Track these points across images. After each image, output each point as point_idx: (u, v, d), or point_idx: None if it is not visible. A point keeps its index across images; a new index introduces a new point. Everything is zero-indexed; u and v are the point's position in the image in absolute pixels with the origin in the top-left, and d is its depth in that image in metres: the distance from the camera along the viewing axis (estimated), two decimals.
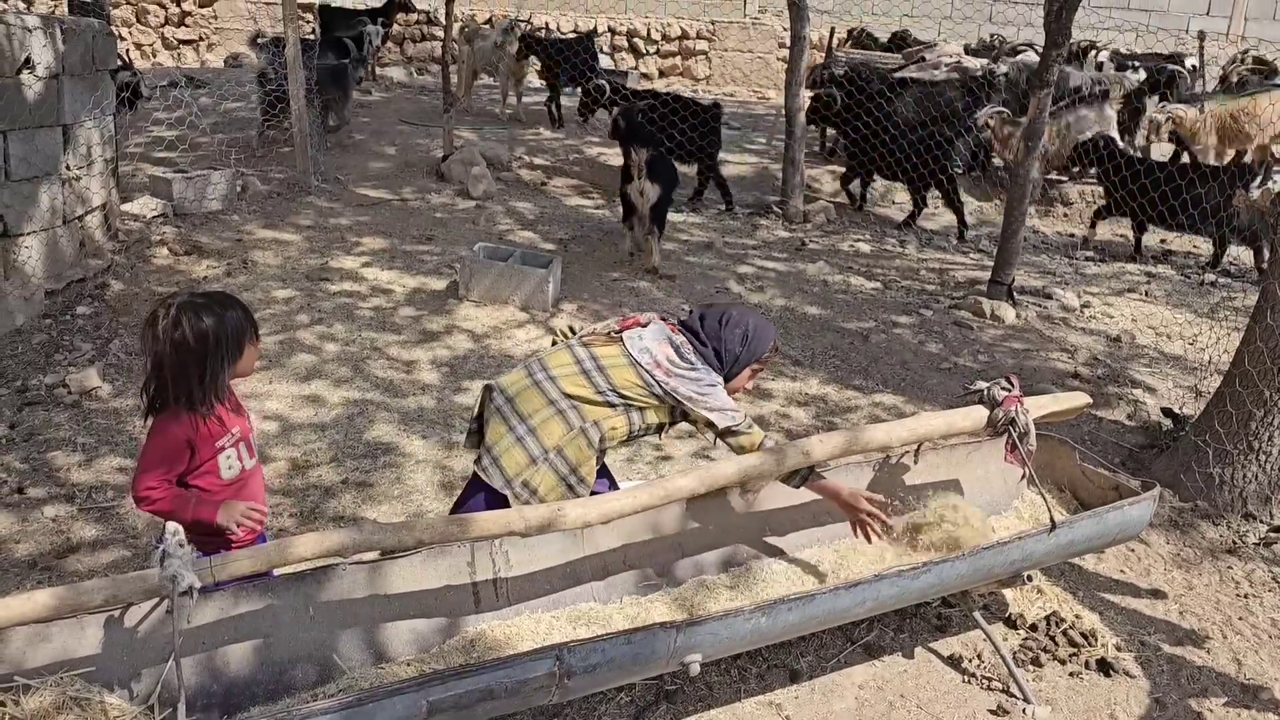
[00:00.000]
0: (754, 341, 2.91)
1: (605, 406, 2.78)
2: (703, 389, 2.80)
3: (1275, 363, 3.97)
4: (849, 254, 7.06)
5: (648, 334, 2.88)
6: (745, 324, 2.92)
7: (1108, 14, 12.65)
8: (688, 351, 2.84)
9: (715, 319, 2.93)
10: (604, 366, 2.81)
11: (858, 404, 4.86)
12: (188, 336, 2.35)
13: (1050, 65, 5.84)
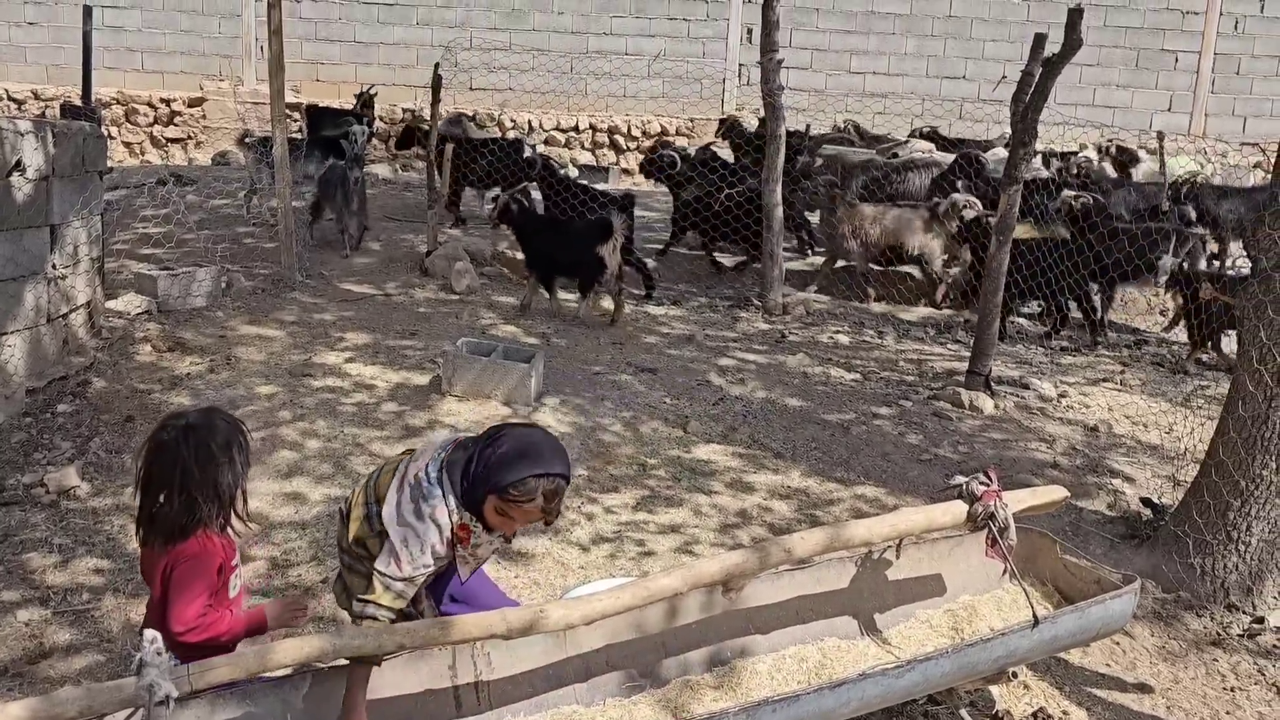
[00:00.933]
0: (504, 468, 2.43)
1: (365, 525, 2.65)
2: (401, 522, 2.48)
3: (1249, 452, 4.03)
4: (828, 345, 7.14)
5: (428, 448, 2.61)
6: (501, 447, 2.48)
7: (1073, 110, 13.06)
8: (436, 470, 2.51)
9: (492, 435, 2.56)
10: (378, 474, 2.69)
11: (840, 496, 4.88)
12: (213, 450, 2.32)
13: (1018, 163, 6.02)
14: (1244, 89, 13.28)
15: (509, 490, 2.43)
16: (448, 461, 2.53)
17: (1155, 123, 13.33)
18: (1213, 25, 13.20)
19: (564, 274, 7.38)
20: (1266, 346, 3.97)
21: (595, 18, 13.23)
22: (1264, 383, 3.99)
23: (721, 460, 5.17)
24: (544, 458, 2.48)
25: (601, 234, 7.12)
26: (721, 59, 13.36)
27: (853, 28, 13.23)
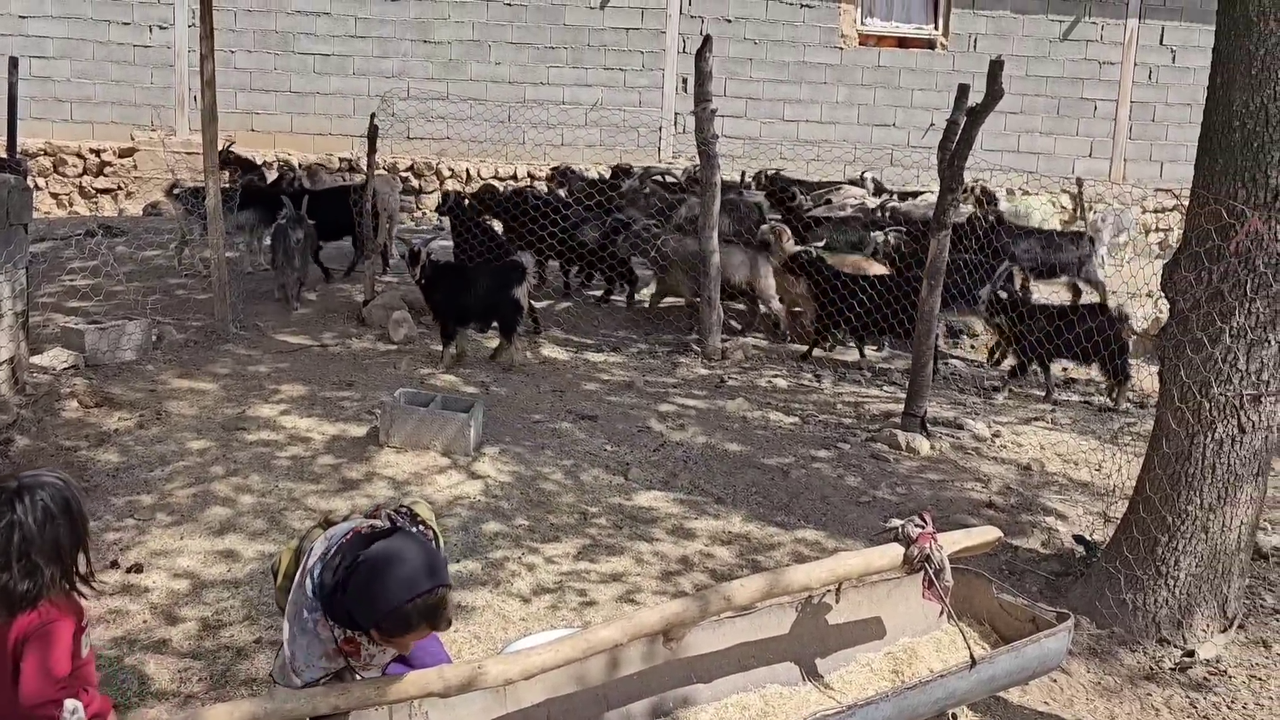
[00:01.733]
0: (371, 602, 2.28)
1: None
2: (293, 618, 2.42)
3: (1174, 489, 4.14)
4: (767, 390, 7.21)
5: (325, 541, 2.46)
6: (369, 577, 2.29)
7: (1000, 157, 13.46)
8: (316, 579, 2.39)
9: (358, 561, 2.32)
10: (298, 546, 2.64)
11: (780, 541, 4.90)
12: (52, 509, 2.20)
13: (947, 208, 6.18)
14: (1159, 135, 13.80)
15: (382, 626, 2.29)
16: (325, 571, 2.38)
17: (1077, 168, 13.78)
18: (1128, 75, 13.73)
19: (480, 320, 7.31)
20: (1187, 385, 4.09)
21: (532, 67, 13.35)
22: (1186, 420, 4.11)
23: (663, 507, 5.16)
24: (411, 578, 2.26)
25: (515, 275, 7.16)
26: (658, 107, 13.55)
27: (785, 77, 13.51)
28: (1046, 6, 13.55)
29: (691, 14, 13.36)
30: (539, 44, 13.30)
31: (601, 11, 13.31)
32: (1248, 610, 4.28)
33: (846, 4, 13.45)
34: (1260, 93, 3.93)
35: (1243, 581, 4.23)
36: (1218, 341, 4.02)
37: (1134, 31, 13.65)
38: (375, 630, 2.31)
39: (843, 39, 13.52)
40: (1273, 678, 3.84)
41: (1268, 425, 4.09)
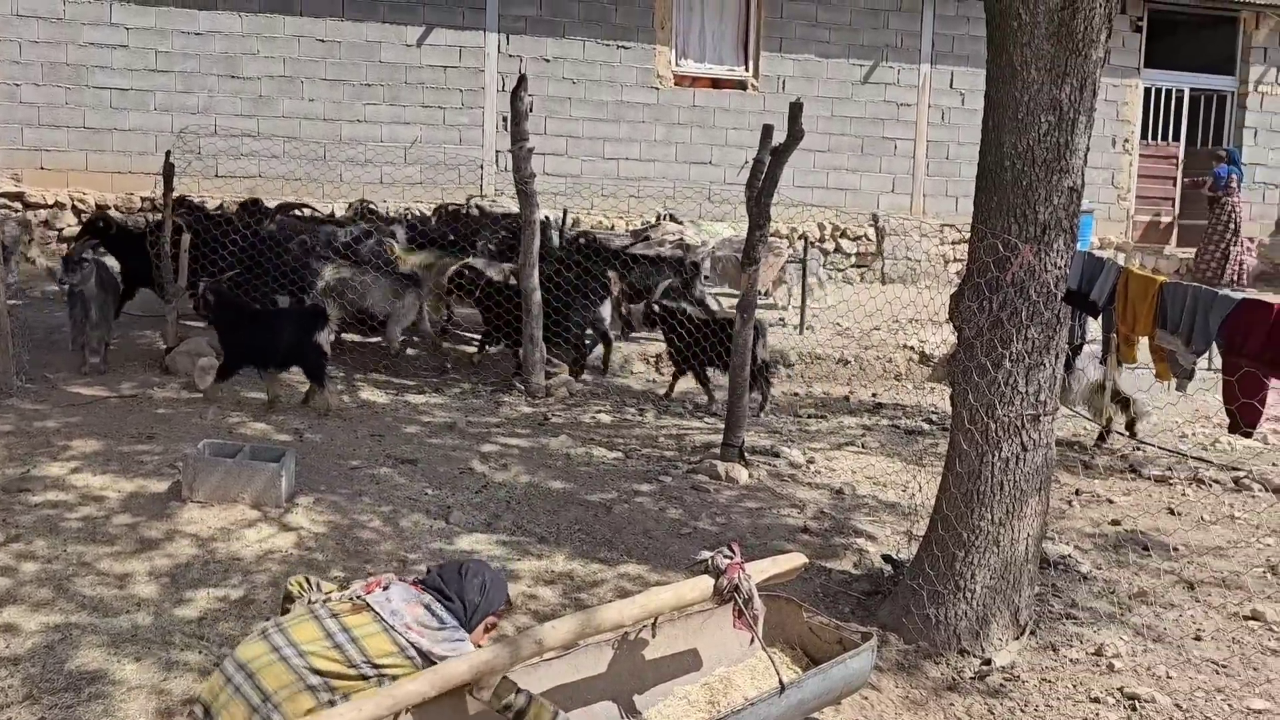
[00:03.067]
0: (491, 591, 2.98)
1: (358, 679, 2.69)
2: (454, 645, 2.80)
3: (968, 506, 4.38)
4: (591, 425, 7.24)
5: (395, 596, 2.87)
6: (483, 574, 3.01)
7: (809, 193, 14.08)
8: (438, 609, 2.86)
9: (454, 570, 3.00)
10: (356, 637, 2.74)
11: (604, 577, 4.90)
12: None
13: (756, 244, 6.40)
14: (954, 173, 14.72)
15: (506, 606, 3.08)
16: (440, 605, 2.88)
17: (881, 203, 14.56)
18: (924, 116, 14.64)
19: (279, 365, 7.08)
20: (975, 408, 4.36)
21: (348, 105, 13.07)
22: (975, 441, 4.37)
23: (485, 549, 5.08)
24: (500, 575, 3.11)
25: (318, 321, 7.02)
26: (479, 145, 13.50)
27: (604, 116, 13.72)
28: (848, 51, 14.30)
29: (510, 53, 13.41)
30: (354, 81, 13.05)
31: (419, 49, 13.19)
32: (1038, 617, 4.56)
33: (661, 45, 13.81)
34: (1026, 135, 4.26)
35: (1032, 590, 4.51)
36: (1000, 366, 4.30)
37: (927, 76, 14.58)
38: (497, 614, 3.03)
39: (659, 79, 13.86)
40: (1061, 679, 4.10)
41: (1047, 443, 4.41)
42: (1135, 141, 15.33)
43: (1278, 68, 15.60)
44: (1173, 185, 15.67)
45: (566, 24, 13.54)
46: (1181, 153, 15.65)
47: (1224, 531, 5.82)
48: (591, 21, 13.58)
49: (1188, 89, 15.55)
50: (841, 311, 10.47)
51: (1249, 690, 4.03)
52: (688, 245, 9.87)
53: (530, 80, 13.07)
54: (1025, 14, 4.20)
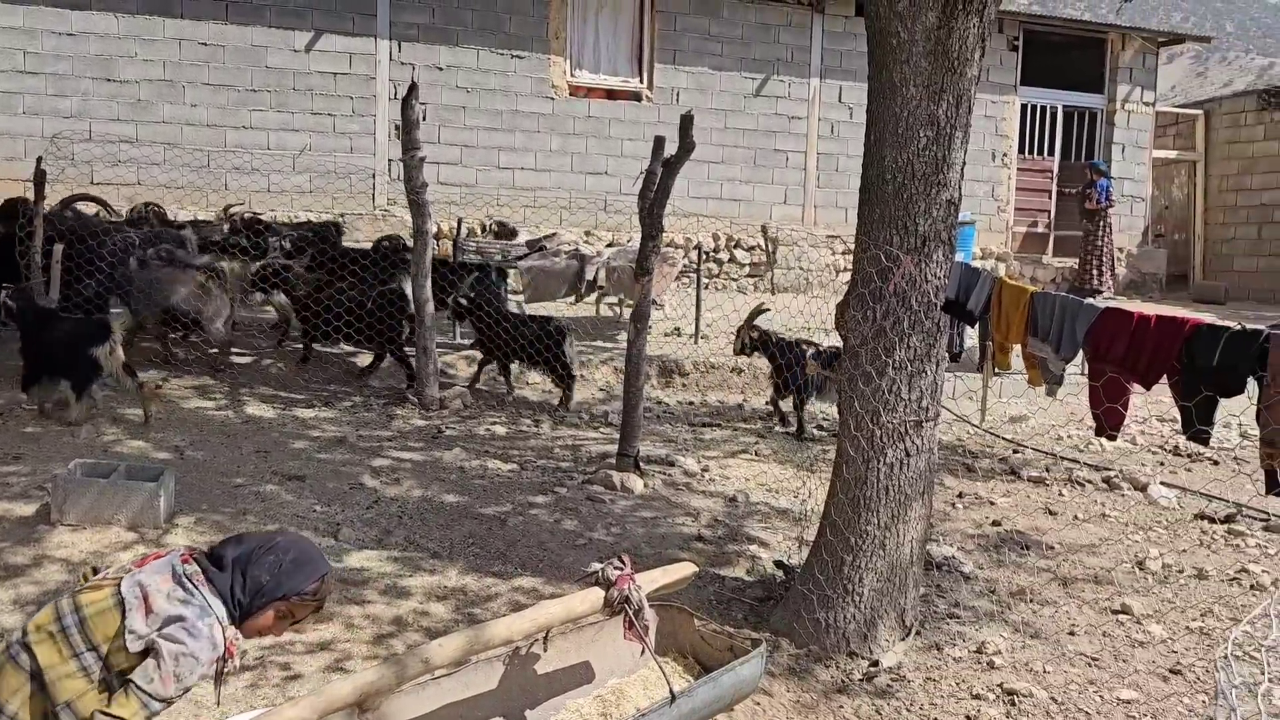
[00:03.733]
0: (288, 574, 2.53)
1: (77, 673, 2.34)
2: (180, 629, 2.37)
3: (855, 511, 4.47)
4: (485, 438, 7.17)
5: (153, 568, 2.48)
6: (284, 554, 2.56)
7: (704, 204, 14.25)
8: (193, 584, 2.45)
9: (254, 544, 2.58)
10: (86, 617, 2.38)
11: (498, 591, 4.85)
12: None
13: (649, 254, 6.44)
14: (843, 184, 15.07)
15: (305, 594, 2.57)
16: (204, 577, 2.51)
17: (774, 214, 14.82)
18: (814, 129, 14.97)
19: (51, 375, 6.75)
20: (861, 415, 4.46)
21: (233, 110, 12.69)
22: (861, 447, 4.47)
23: (376, 566, 4.98)
24: (318, 558, 2.66)
25: (97, 334, 6.74)
26: (370, 154, 13.28)
27: (499, 126, 13.64)
28: (740, 64, 14.53)
29: (402, 60, 13.23)
30: (240, 86, 12.69)
31: (307, 55, 12.91)
32: (923, 617, 4.69)
33: (556, 56, 13.81)
34: (906, 150, 4.39)
35: (918, 592, 4.64)
36: (884, 374, 4.41)
37: (817, 90, 14.91)
38: (290, 602, 2.55)
39: (554, 89, 13.85)
40: (945, 678, 4.22)
41: (929, 448, 4.54)
42: (1013, 155, 15.96)
43: (1142, 87, 16.46)
44: (1048, 197, 16.36)
45: (460, 32, 13.43)
46: (1056, 166, 16.36)
47: (1096, 529, 6.09)
48: (485, 30, 13.51)
49: (1061, 106, 16.27)
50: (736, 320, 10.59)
51: (1118, 681, 4.22)
52: (583, 255, 9.87)
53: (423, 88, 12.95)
54: (904, 33, 4.33)
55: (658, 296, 9.50)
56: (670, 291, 11.56)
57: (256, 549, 2.56)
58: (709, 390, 9.18)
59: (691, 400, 8.88)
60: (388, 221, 13.07)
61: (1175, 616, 4.87)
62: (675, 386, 9.16)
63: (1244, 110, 17.03)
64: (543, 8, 13.68)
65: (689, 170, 13.74)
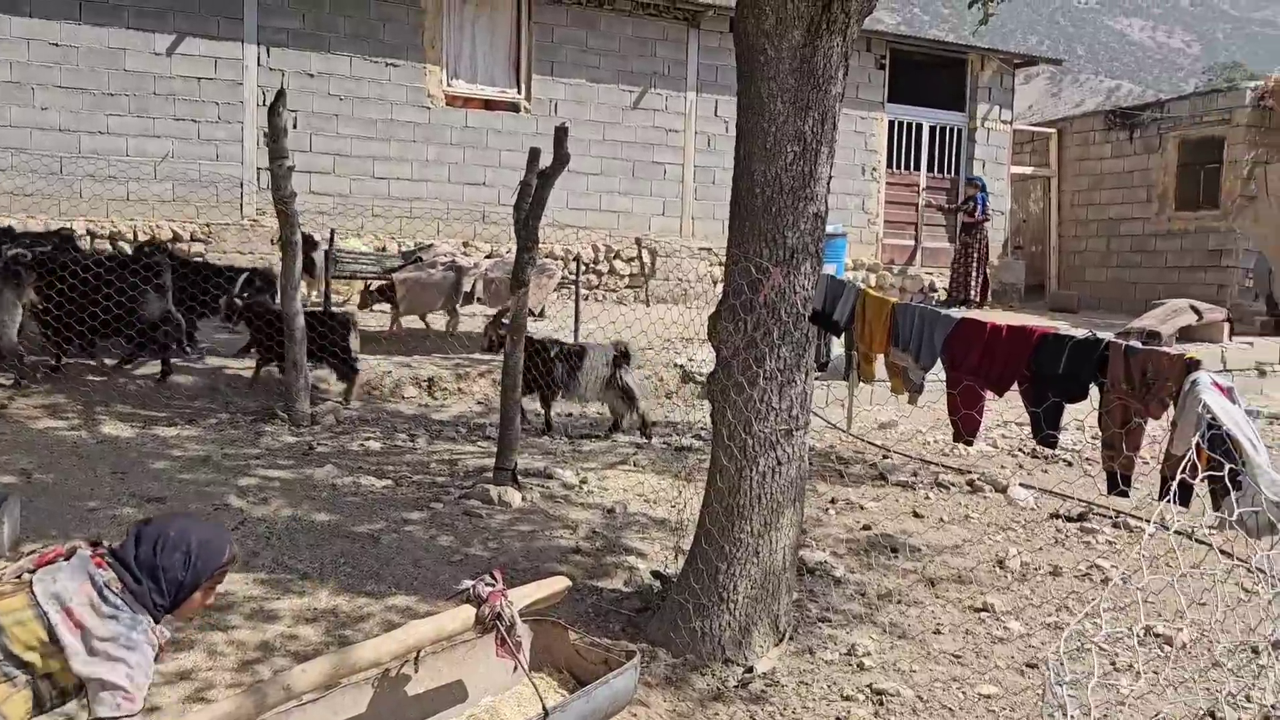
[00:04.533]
0: (200, 560, 2.63)
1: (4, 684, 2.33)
2: (118, 648, 2.41)
3: (729, 519, 4.53)
4: (359, 453, 7.00)
5: (64, 572, 2.47)
6: (187, 542, 2.63)
7: (584, 215, 14.27)
8: (112, 595, 2.47)
9: (150, 543, 2.59)
10: (4, 626, 2.36)
11: (371, 611, 4.73)
12: None
13: (524, 266, 6.41)
14: (720, 197, 15.25)
15: (222, 566, 2.71)
16: (122, 586, 2.52)
17: (653, 225, 14.95)
18: (690, 142, 15.17)
19: None
20: (733, 425, 4.53)
21: (88, 115, 12.10)
22: (735, 456, 4.53)
23: (241, 590, 4.80)
24: (218, 529, 2.83)
25: None
26: (238, 162, 12.84)
27: (374, 135, 13.38)
28: (618, 77, 14.63)
29: (271, 66, 12.85)
30: (95, 90, 12.11)
31: (169, 58, 12.41)
32: (796, 622, 4.78)
33: (432, 65, 13.64)
34: (774, 164, 4.48)
35: (791, 597, 4.72)
36: (755, 384, 4.48)
37: (693, 103, 15.13)
38: (213, 578, 2.67)
39: (430, 99, 13.67)
40: (817, 681, 4.31)
41: (800, 456, 4.63)
42: (882, 170, 16.50)
43: (1000, 105, 17.25)
44: (915, 211, 16.97)
45: (332, 39, 13.13)
46: (923, 181, 16.98)
47: (960, 531, 6.32)
48: (359, 37, 13.24)
49: (926, 123, 16.91)
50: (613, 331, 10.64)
51: (980, 677, 4.38)
52: (460, 266, 9.75)
53: (295, 96, 12.63)
54: (771, 50, 4.43)
55: (535, 308, 9.48)
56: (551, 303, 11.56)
57: (159, 548, 2.59)
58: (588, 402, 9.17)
59: (570, 412, 8.86)
60: (256, 232, 12.67)
61: (1032, 612, 5.10)
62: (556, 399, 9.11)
63: (1093, 129, 18.02)
64: (418, 16, 13.50)
65: (568, 181, 13.81)
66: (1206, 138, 15.88)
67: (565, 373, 7.75)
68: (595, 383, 7.72)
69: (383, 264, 10.58)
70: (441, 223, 13.67)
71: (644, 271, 13.77)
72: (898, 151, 16.74)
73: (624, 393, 7.74)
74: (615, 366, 7.71)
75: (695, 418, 8.50)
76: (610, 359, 7.73)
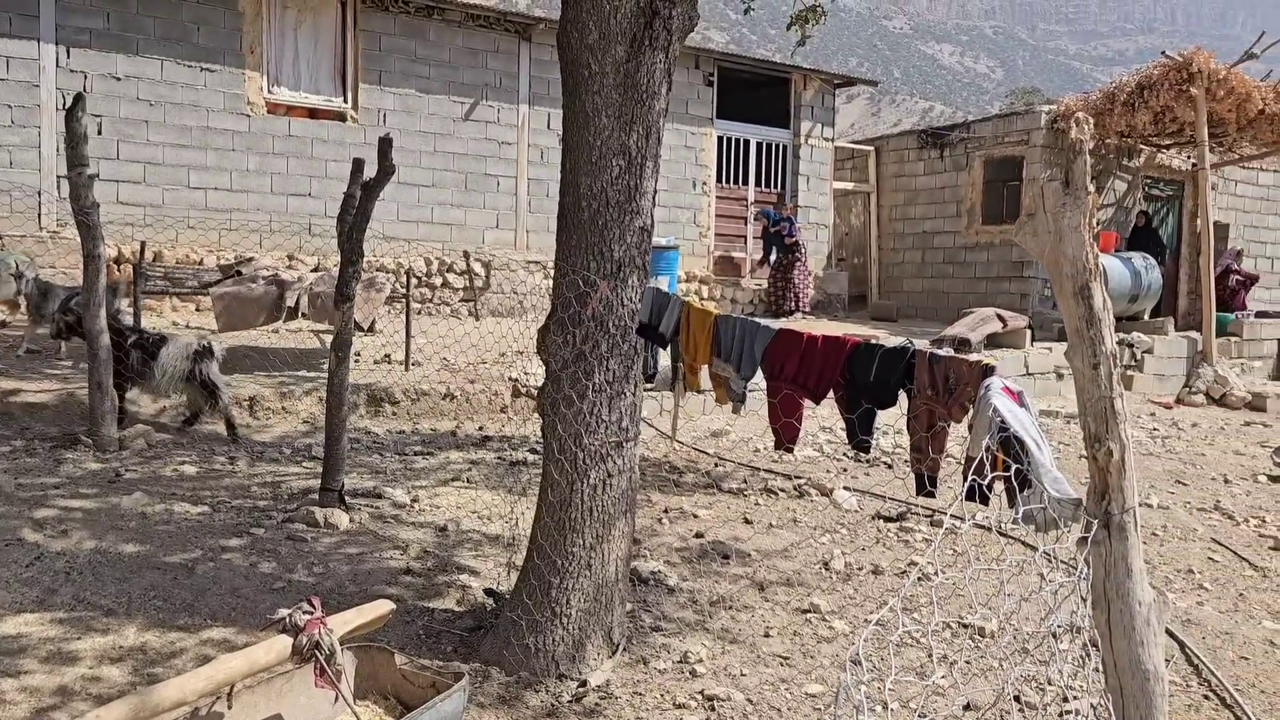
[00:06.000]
0: None
1: None
2: None
3: (561, 533, 4.51)
4: (172, 479, 6.62)
5: None
6: None
7: (416, 227, 14.00)
8: None
9: None
10: None
11: (185, 646, 4.47)
12: None
13: (349, 280, 6.22)
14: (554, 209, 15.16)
15: None
16: None
17: (487, 238, 14.83)
18: (524, 154, 15.13)
19: None
20: (564, 438, 4.51)
21: None
22: (566, 470, 4.52)
23: (36, 631, 4.44)
24: None
25: None
26: (35, 170, 11.97)
27: (188, 143, 12.74)
28: (448, 88, 14.44)
29: (72, 68, 12.06)
30: None
31: None
32: (630, 633, 4.80)
33: (252, 71, 13.11)
34: (600, 178, 4.51)
35: (624, 608, 4.74)
36: (585, 397, 4.49)
37: (526, 116, 15.09)
38: None
39: (250, 106, 13.13)
40: (650, 690, 4.34)
41: (631, 467, 4.66)
42: (712, 184, 16.90)
43: (822, 124, 17.97)
44: (744, 224, 17.45)
45: (140, 40, 12.44)
46: (751, 195, 17.49)
47: (788, 535, 6.51)
48: (171, 40, 12.59)
49: (754, 139, 17.43)
50: (446, 345, 10.48)
51: (806, 677, 4.51)
52: (283, 280, 9.38)
53: (100, 100, 11.92)
54: (595, 65, 4.46)
55: (365, 322, 9.22)
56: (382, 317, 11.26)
57: None
58: (420, 418, 8.99)
59: (403, 429, 8.65)
60: (58, 244, 11.84)
61: (855, 611, 5.29)
62: (385, 415, 8.89)
63: (907, 147, 19.00)
64: (235, 19, 12.96)
65: (399, 193, 13.54)
66: (1008, 157, 16.98)
67: (140, 361, 7.58)
68: (173, 375, 7.57)
69: (200, 278, 10.07)
70: (264, 235, 13.14)
71: (471, 285, 13.61)
72: (727, 166, 17.19)
73: (205, 387, 7.64)
74: (196, 361, 7.57)
75: (532, 431, 8.45)
76: (192, 353, 7.59)
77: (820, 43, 16.54)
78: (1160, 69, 14.26)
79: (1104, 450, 2.32)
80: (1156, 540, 6.86)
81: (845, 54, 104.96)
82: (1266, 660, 5.00)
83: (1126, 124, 14.70)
